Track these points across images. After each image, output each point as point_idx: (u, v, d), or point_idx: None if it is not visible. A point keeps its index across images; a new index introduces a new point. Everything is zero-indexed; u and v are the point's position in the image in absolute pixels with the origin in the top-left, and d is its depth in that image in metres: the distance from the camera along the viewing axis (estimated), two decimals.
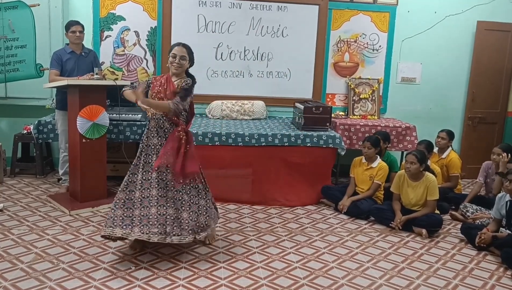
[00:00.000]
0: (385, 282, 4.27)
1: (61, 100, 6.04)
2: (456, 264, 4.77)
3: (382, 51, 7.80)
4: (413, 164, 5.53)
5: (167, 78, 4.46)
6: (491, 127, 8.29)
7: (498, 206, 5.17)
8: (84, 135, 5.59)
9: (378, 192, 6.14)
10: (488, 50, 7.97)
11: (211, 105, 7.33)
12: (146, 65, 7.36)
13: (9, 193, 6.23)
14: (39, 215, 5.49)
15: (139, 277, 4.09)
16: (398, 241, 5.29)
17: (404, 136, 7.13)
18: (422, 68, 7.96)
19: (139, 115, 6.56)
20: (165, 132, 4.43)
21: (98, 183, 5.88)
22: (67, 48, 6.10)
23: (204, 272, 4.25)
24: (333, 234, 5.41)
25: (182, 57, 4.38)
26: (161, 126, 4.43)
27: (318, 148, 6.34)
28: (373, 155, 6.13)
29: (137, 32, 7.27)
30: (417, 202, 5.66)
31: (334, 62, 7.75)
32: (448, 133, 6.74)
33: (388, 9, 7.67)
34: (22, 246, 4.60)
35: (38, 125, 6.50)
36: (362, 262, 4.67)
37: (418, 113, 8.01)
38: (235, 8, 7.36)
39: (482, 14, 7.85)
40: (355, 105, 7.74)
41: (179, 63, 4.37)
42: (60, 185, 6.53)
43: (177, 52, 4.38)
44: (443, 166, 6.66)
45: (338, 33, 7.67)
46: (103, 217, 5.48)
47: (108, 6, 7.14)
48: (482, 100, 8.12)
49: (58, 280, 3.96)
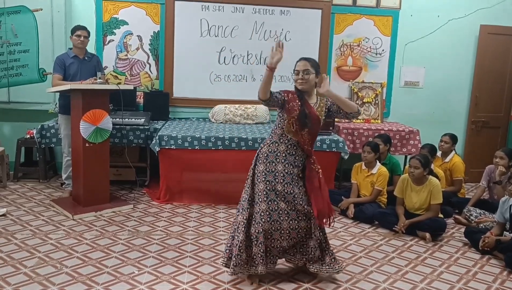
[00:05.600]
0: (388, 286, 4.25)
1: (64, 104, 6.04)
2: (460, 267, 4.76)
3: (385, 55, 7.80)
4: (417, 168, 5.52)
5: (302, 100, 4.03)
6: (494, 131, 8.28)
7: (502, 209, 5.15)
8: (87, 139, 5.59)
9: (382, 196, 6.13)
10: (491, 54, 7.96)
11: (214, 109, 7.33)
12: (149, 69, 7.36)
13: (12, 197, 6.23)
14: (42, 219, 5.49)
15: (142, 281, 4.08)
16: (401, 245, 5.27)
17: (407, 140, 7.12)
18: (425, 72, 7.95)
19: (142, 119, 6.57)
20: (295, 158, 4.05)
21: (101, 188, 5.87)
22: (70, 53, 6.10)
23: (207, 276, 4.24)
24: (336, 238, 5.39)
25: (306, 71, 3.98)
26: (291, 153, 4.05)
27: (321, 152, 6.33)
28: (373, 160, 6.12)
29: (140, 37, 7.28)
30: (421, 206, 5.64)
31: (337, 66, 7.75)
32: (451, 137, 6.73)
33: (391, 13, 7.67)
34: (25, 251, 4.59)
35: (41, 130, 6.52)
36: (366, 266, 4.66)
37: (421, 117, 8.00)
38: (238, 12, 7.38)
39: (485, 18, 7.84)
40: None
41: (303, 78, 3.97)
42: (63, 190, 6.53)
43: (299, 67, 4.00)
44: (447, 170, 6.65)
45: (341, 37, 7.68)
46: (106, 221, 5.49)
47: (111, 10, 7.16)
48: (485, 104, 8.11)
49: (61, 285, 3.95)
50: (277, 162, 4.01)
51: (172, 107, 7.44)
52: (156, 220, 5.65)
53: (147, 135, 6.55)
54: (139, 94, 7.33)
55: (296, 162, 4.04)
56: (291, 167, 4.02)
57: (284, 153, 4.02)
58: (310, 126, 3.97)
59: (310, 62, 4.00)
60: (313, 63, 4.04)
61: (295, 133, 3.99)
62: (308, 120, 3.94)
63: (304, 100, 4.01)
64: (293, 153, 4.03)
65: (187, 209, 6.10)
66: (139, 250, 4.75)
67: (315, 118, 4.00)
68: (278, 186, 3.98)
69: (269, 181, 4.00)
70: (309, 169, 4.08)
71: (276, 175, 4.00)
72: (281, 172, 3.99)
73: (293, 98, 4.01)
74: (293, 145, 4.03)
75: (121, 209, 5.91)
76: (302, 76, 3.97)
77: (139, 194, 6.61)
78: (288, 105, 3.97)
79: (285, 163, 4.01)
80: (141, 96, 7.31)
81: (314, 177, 4.06)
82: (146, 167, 6.91)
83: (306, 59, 4.02)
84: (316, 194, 4.03)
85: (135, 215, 5.79)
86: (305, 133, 3.99)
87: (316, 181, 4.06)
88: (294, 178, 4.03)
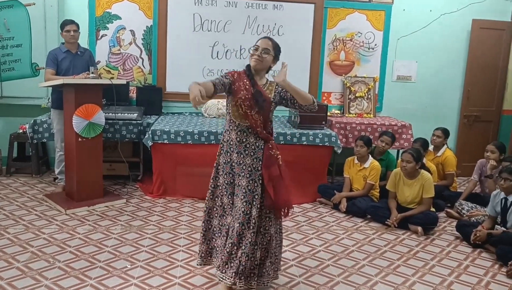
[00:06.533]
0: (381, 280, 4.28)
1: (56, 99, 6.03)
2: (452, 261, 4.79)
3: (377, 49, 7.82)
4: (409, 162, 5.55)
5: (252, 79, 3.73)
6: (486, 125, 8.31)
7: (493, 203, 5.19)
8: (80, 134, 5.59)
9: (374, 190, 6.16)
10: (483, 48, 7.99)
11: (207, 104, 7.31)
12: (142, 64, 7.36)
13: (5, 192, 6.22)
14: (35, 214, 5.49)
15: (135, 276, 4.09)
16: (394, 239, 5.30)
17: (400, 134, 7.15)
18: (418, 66, 7.98)
19: (135, 114, 6.57)
20: (246, 147, 3.69)
21: (94, 182, 5.87)
22: (63, 47, 6.08)
23: (200, 270, 4.24)
24: (329, 232, 5.42)
25: (266, 50, 3.67)
26: (243, 140, 3.69)
27: (314, 146, 6.36)
28: (365, 154, 6.15)
29: (133, 31, 7.27)
30: (413, 200, 5.67)
31: (330, 60, 7.76)
32: (443, 131, 6.76)
33: (384, 8, 7.68)
34: (18, 245, 4.59)
35: (33, 125, 6.50)
36: (358, 260, 4.68)
37: (414, 111, 8.02)
38: (230, 7, 7.37)
39: (477, 13, 7.86)
40: (351, 103, 7.75)
41: (260, 56, 3.66)
42: (56, 184, 6.53)
43: (260, 44, 3.68)
44: (439, 164, 6.68)
45: (333, 32, 7.68)
46: (99, 216, 5.49)
47: (103, 5, 7.14)
48: (477, 98, 8.14)
49: (54, 279, 3.96)
50: (231, 151, 3.72)
51: (165, 101, 7.43)
52: (149, 214, 5.66)
53: (140, 129, 6.55)
54: (132, 89, 7.32)
55: (248, 151, 3.67)
56: (241, 157, 3.68)
57: (235, 141, 3.68)
58: (261, 105, 3.63)
59: (272, 43, 3.72)
60: (275, 45, 3.75)
61: (244, 115, 3.63)
62: (261, 98, 3.64)
63: (254, 80, 3.71)
64: (244, 140, 3.67)
65: (180, 204, 6.11)
66: (132, 244, 4.76)
67: (266, 99, 3.68)
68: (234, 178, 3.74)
69: (227, 174, 3.76)
70: (266, 156, 3.67)
71: (232, 166, 3.72)
72: (235, 162, 3.70)
73: (240, 78, 3.71)
74: (243, 131, 3.67)
75: (114, 203, 5.91)
76: (260, 53, 3.64)
77: (132, 189, 6.61)
78: (234, 86, 3.66)
79: (237, 152, 3.68)
80: (134, 91, 7.31)
81: (273, 164, 3.67)
82: (139, 161, 6.91)
83: (269, 39, 3.74)
84: (276, 184, 3.64)
85: (128, 209, 5.80)
86: (255, 114, 3.62)
87: (275, 169, 3.66)
88: (243, 169, 3.68)
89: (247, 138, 3.67)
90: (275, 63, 3.78)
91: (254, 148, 3.68)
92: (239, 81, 3.68)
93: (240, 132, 3.67)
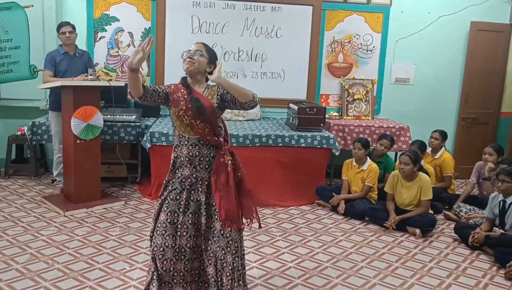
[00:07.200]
0: (379, 282, 4.28)
1: (55, 101, 6.02)
2: (450, 263, 4.80)
3: (376, 51, 7.82)
4: (407, 164, 5.55)
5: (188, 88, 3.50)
6: (484, 127, 8.32)
7: (491, 205, 5.20)
8: (78, 136, 5.59)
9: (372, 193, 6.17)
10: (481, 50, 8.00)
11: None
12: (140, 66, 7.33)
13: (3, 194, 6.21)
14: (33, 216, 5.49)
15: (133, 277, 4.10)
16: (392, 241, 5.31)
17: (398, 136, 7.15)
18: (416, 68, 7.99)
19: (133, 116, 6.57)
20: (201, 161, 3.42)
21: (93, 184, 5.87)
22: (61, 49, 6.09)
23: None
24: (327, 234, 5.42)
25: (198, 52, 3.47)
26: (195, 153, 3.42)
27: (312, 148, 6.36)
28: (364, 156, 6.16)
29: (131, 33, 7.27)
30: (411, 202, 5.68)
31: (328, 62, 7.77)
32: (441, 134, 6.77)
33: (382, 10, 7.69)
34: (17, 247, 4.59)
35: (32, 127, 6.49)
36: (356, 262, 4.69)
37: (412, 113, 8.03)
38: (229, 9, 7.37)
39: (475, 15, 7.88)
40: (349, 105, 7.76)
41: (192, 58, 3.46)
42: (54, 186, 6.53)
43: (192, 48, 3.52)
44: (436, 166, 6.69)
45: (332, 34, 7.69)
46: (97, 218, 5.49)
47: (102, 7, 7.14)
48: (475, 100, 8.15)
49: (53, 281, 3.97)
50: (184, 167, 3.44)
51: None
52: (147, 216, 5.65)
53: (138, 132, 6.55)
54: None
55: (202, 164, 3.43)
56: (194, 171, 3.43)
57: (187, 157, 3.41)
58: (202, 111, 3.35)
59: (206, 47, 3.54)
60: (210, 49, 3.56)
61: (190, 126, 3.38)
62: (199, 104, 3.36)
63: (190, 88, 3.49)
64: (197, 153, 3.41)
65: None
66: (131, 246, 4.77)
67: (207, 105, 3.41)
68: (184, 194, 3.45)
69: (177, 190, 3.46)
70: (216, 163, 3.41)
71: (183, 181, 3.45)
72: (188, 178, 3.44)
73: (178, 89, 3.49)
74: (194, 145, 3.40)
75: (113, 205, 5.91)
76: (191, 56, 3.45)
77: (131, 191, 6.61)
78: (172, 97, 3.44)
79: (191, 167, 3.43)
80: None
81: (222, 171, 3.38)
82: (137, 163, 6.89)
83: (203, 44, 3.56)
84: (222, 192, 3.36)
85: (127, 211, 5.80)
86: (200, 123, 3.36)
87: (223, 176, 3.37)
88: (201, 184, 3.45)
89: (199, 151, 3.41)
90: (211, 67, 3.53)
91: (208, 160, 3.44)
92: (176, 92, 3.47)
93: (191, 146, 3.41)
